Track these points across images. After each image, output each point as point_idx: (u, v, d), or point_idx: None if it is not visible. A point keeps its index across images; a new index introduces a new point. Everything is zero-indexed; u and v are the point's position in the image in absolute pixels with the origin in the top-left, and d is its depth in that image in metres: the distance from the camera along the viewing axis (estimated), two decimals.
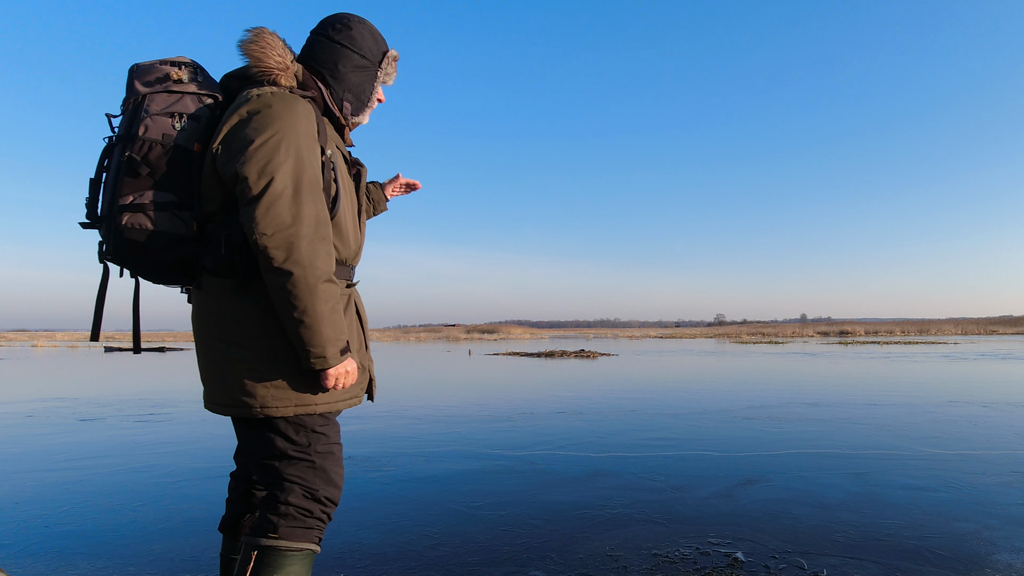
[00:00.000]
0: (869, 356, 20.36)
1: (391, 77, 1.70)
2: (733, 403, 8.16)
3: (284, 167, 1.36)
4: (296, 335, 1.37)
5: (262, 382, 1.41)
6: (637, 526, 3.11)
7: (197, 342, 1.51)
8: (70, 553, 2.78)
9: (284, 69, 1.50)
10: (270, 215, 1.33)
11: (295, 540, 1.43)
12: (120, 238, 1.38)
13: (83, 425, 6.69)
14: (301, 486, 1.45)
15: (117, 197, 1.39)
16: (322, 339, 1.37)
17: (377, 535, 2.99)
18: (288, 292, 1.34)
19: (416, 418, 7.01)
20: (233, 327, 1.43)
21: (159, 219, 1.39)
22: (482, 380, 12.89)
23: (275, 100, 1.41)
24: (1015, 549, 2.71)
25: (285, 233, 1.33)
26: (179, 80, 1.45)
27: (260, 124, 1.37)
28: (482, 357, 23.34)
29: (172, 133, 1.41)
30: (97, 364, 19.62)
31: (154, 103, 1.43)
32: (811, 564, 2.57)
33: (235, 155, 1.36)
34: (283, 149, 1.36)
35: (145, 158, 1.39)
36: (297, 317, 1.35)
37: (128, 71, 1.47)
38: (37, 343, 49.56)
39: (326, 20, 1.63)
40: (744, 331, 76.15)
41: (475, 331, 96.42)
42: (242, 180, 1.34)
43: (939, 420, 6.46)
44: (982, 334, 53.30)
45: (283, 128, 1.38)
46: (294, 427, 1.45)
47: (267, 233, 1.32)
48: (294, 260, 1.33)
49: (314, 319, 1.35)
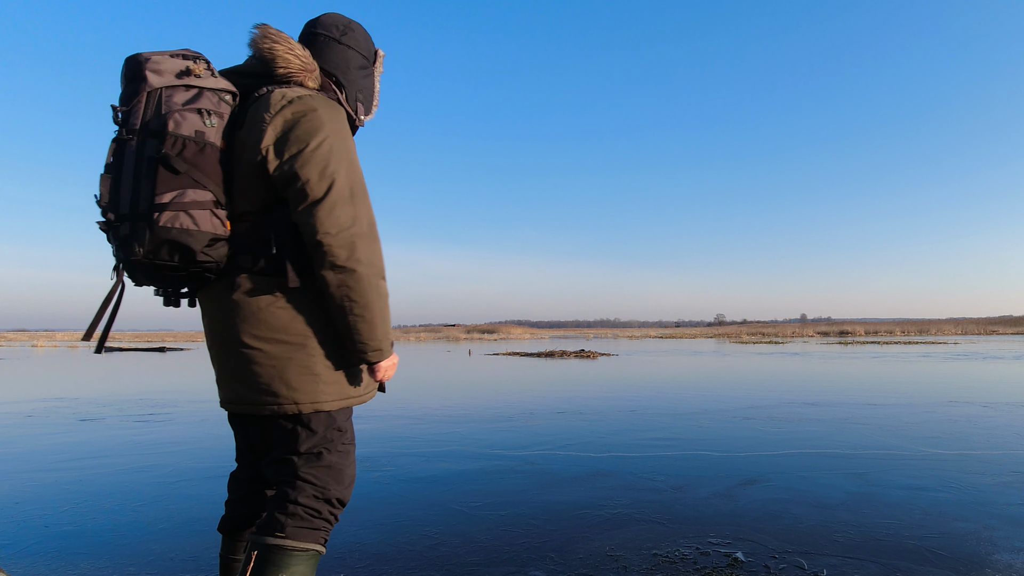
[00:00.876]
0: (869, 356, 20.35)
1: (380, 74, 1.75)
2: (733, 403, 8.16)
3: (341, 170, 1.42)
4: (355, 330, 1.43)
5: (312, 378, 1.44)
6: (637, 526, 3.11)
7: (223, 344, 1.48)
8: (70, 553, 2.78)
9: (310, 71, 1.52)
10: (334, 216, 1.38)
11: (301, 540, 1.43)
12: (158, 238, 1.33)
13: (83, 425, 6.69)
14: (313, 485, 1.46)
15: (149, 195, 1.33)
16: (380, 333, 1.46)
17: (377, 535, 2.99)
18: (350, 289, 1.40)
19: (416, 418, 7.01)
20: (278, 325, 1.43)
21: (201, 218, 1.36)
22: (482, 380, 12.89)
23: (318, 104, 1.44)
24: (1015, 549, 2.72)
25: (347, 233, 1.39)
26: (197, 75, 1.42)
27: (312, 127, 1.41)
28: (482, 357, 23.33)
29: (204, 130, 1.39)
30: (97, 364, 19.61)
31: (174, 97, 1.38)
32: (811, 564, 2.57)
33: (292, 158, 1.39)
34: (337, 152, 1.42)
35: (181, 155, 1.35)
36: (358, 313, 1.42)
37: (129, 61, 1.41)
38: (37, 343, 49.55)
39: (327, 21, 1.63)
40: (744, 331, 76.14)
41: (475, 331, 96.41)
42: (303, 182, 1.38)
43: (939, 420, 6.46)
44: (982, 334, 53.29)
45: (334, 132, 1.43)
46: (324, 423, 1.48)
47: (331, 233, 1.38)
48: (356, 259, 1.40)
49: (374, 314, 1.43)
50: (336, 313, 1.43)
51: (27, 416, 7.42)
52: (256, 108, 1.45)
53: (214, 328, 1.51)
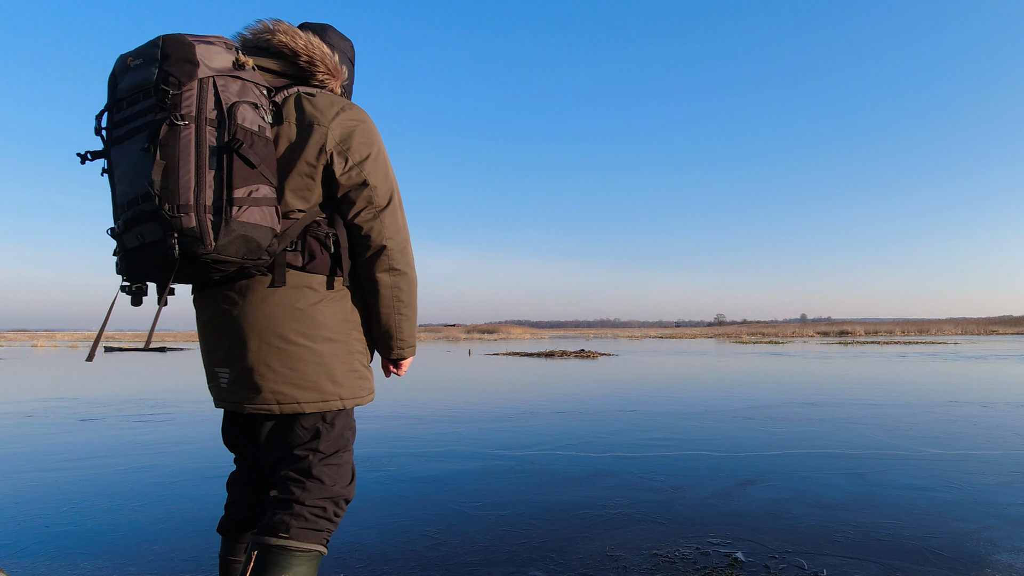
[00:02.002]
0: (869, 356, 20.35)
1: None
2: (733, 403, 8.16)
3: (393, 179, 1.55)
4: (397, 328, 1.55)
5: (354, 373, 1.51)
6: (637, 526, 3.11)
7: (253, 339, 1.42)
8: (70, 553, 2.78)
9: (340, 79, 1.60)
10: (395, 222, 1.51)
11: (304, 541, 1.42)
12: (233, 233, 1.28)
13: (83, 425, 6.69)
14: (322, 485, 1.46)
15: (229, 188, 1.28)
16: (414, 330, 1.59)
17: (377, 535, 2.99)
18: (401, 290, 1.53)
19: (416, 418, 7.01)
20: (324, 322, 1.46)
21: (269, 215, 1.35)
22: (482, 380, 12.89)
23: (364, 115, 1.54)
24: (1015, 549, 2.71)
25: (402, 238, 1.53)
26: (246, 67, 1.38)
27: (370, 136, 1.52)
28: (482, 357, 23.33)
29: (264, 125, 1.37)
30: (97, 364, 19.61)
31: (230, 88, 1.32)
32: (811, 564, 2.57)
33: (359, 164, 1.48)
34: (383, 158, 1.54)
35: (252, 149, 1.32)
36: (404, 312, 1.55)
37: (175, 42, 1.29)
38: (37, 343, 49.55)
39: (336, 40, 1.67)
40: (744, 331, 76.15)
41: (475, 331, 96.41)
42: (371, 188, 1.48)
43: (939, 420, 6.46)
44: (982, 334, 53.30)
45: (382, 143, 1.56)
46: (343, 420, 1.53)
47: (392, 238, 1.50)
48: (407, 262, 1.54)
49: (414, 313, 1.58)
50: (384, 312, 1.53)
51: (27, 416, 7.42)
52: (300, 109, 1.46)
53: (238, 325, 1.43)
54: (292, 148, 1.44)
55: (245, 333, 1.43)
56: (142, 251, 1.31)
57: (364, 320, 1.56)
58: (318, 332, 1.45)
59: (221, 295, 1.46)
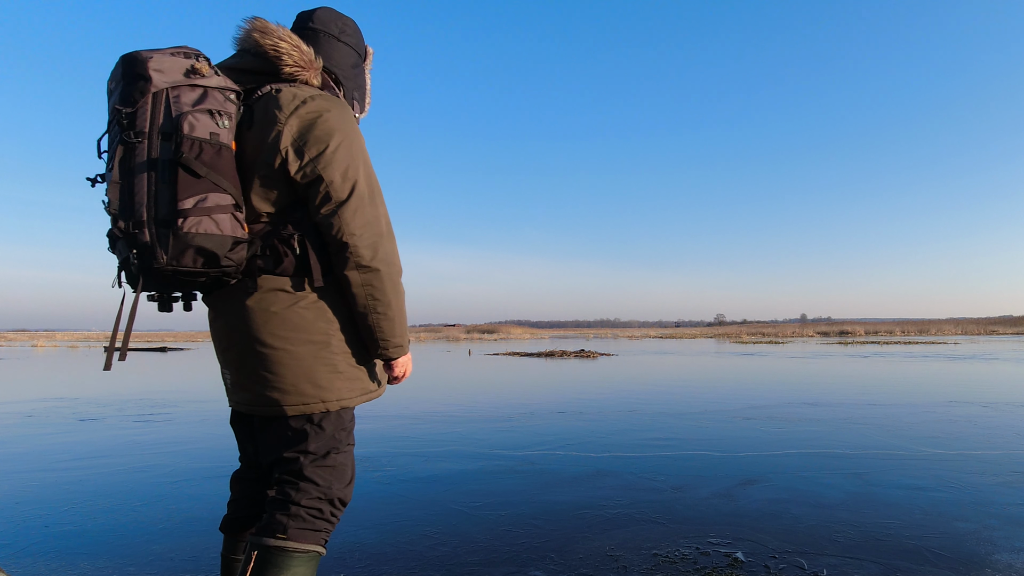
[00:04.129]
0: (869, 356, 20.35)
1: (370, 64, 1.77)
2: (733, 403, 8.16)
3: (361, 171, 1.45)
4: (377, 328, 1.48)
5: (337, 375, 1.47)
6: (637, 526, 3.11)
7: (243, 345, 1.46)
8: (70, 553, 2.78)
9: (315, 69, 1.52)
10: (358, 217, 1.42)
11: (303, 542, 1.43)
12: (183, 244, 1.29)
13: (83, 425, 6.69)
14: (317, 486, 1.46)
15: (174, 201, 1.30)
16: (400, 330, 1.51)
17: (377, 535, 2.99)
18: (374, 288, 1.45)
19: (416, 418, 7.01)
20: (301, 324, 1.44)
21: (223, 222, 1.34)
22: (482, 380, 12.89)
23: (331, 104, 1.46)
24: (1015, 549, 2.72)
25: (371, 233, 1.43)
26: (203, 74, 1.38)
27: (329, 128, 1.42)
28: (482, 357, 23.33)
29: (218, 132, 1.36)
30: (97, 364, 19.61)
31: (183, 98, 1.34)
32: (811, 564, 2.57)
33: (314, 159, 1.41)
34: (355, 153, 1.45)
35: (199, 158, 1.32)
36: (381, 311, 1.47)
37: (129, 60, 1.34)
38: (37, 343, 49.53)
39: (324, 17, 1.61)
40: (744, 331, 76.15)
41: (475, 331, 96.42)
42: (326, 184, 1.40)
43: (939, 420, 6.46)
44: (982, 334, 53.30)
45: (349, 132, 1.46)
46: (334, 423, 1.49)
47: (356, 233, 1.41)
48: (380, 258, 1.44)
49: (396, 312, 1.48)
50: (360, 311, 1.47)
51: (27, 416, 7.42)
52: (266, 108, 1.44)
53: (231, 331, 1.48)
54: (256, 149, 1.43)
55: (233, 339, 1.49)
56: (121, 267, 1.40)
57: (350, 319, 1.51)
58: (295, 334, 1.43)
59: (218, 301, 1.52)
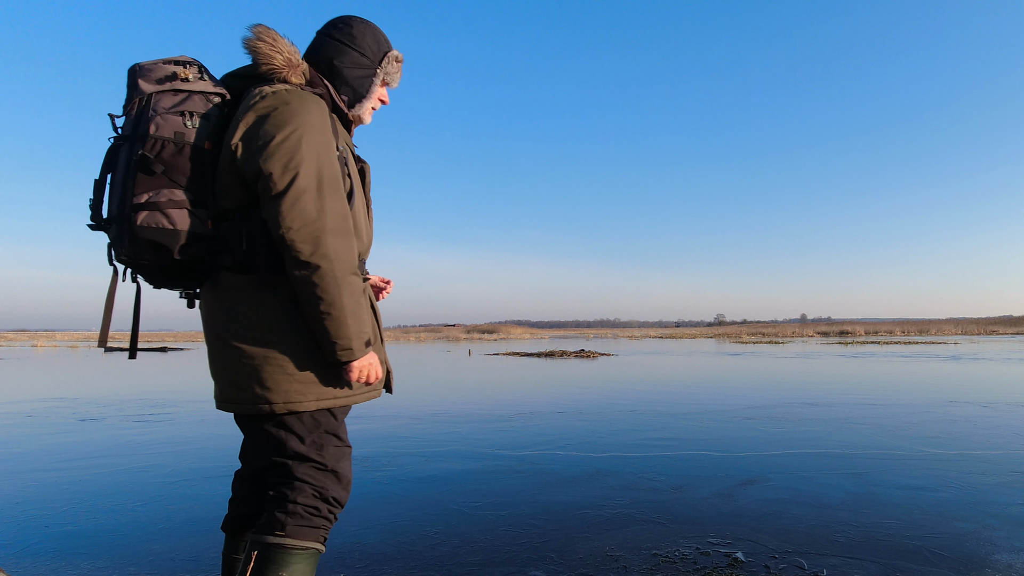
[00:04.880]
0: (869, 356, 20.35)
1: (394, 78, 1.70)
2: (733, 403, 8.16)
3: (307, 163, 1.38)
4: (323, 328, 1.39)
5: (286, 377, 1.42)
6: (637, 526, 3.11)
7: (211, 342, 1.50)
8: (70, 553, 2.78)
9: (293, 66, 1.51)
10: (296, 210, 1.35)
11: (301, 539, 1.43)
12: (136, 238, 1.37)
13: (83, 425, 6.69)
14: (311, 485, 1.46)
15: (130, 196, 1.37)
16: (349, 331, 1.40)
17: (377, 535, 2.99)
18: (315, 285, 1.37)
19: (416, 418, 7.01)
20: (255, 323, 1.43)
21: (176, 217, 1.38)
22: (482, 380, 12.89)
23: (291, 97, 1.43)
24: (1015, 549, 2.71)
25: (311, 227, 1.36)
26: (185, 79, 1.45)
27: (280, 121, 1.39)
28: (482, 357, 23.33)
29: (184, 131, 1.41)
30: (97, 364, 19.61)
31: (162, 102, 1.42)
32: (811, 564, 2.57)
33: (257, 152, 1.38)
34: (304, 145, 1.39)
35: (158, 156, 1.38)
36: (324, 310, 1.38)
37: (129, 71, 1.46)
38: (37, 343, 49.54)
39: (330, 20, 1.67)
40: (744, 331, 76.14)
41: (475, 331, 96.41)
42: (266, 176, 1.36)
43: (939, 420, 6.46)
44: (982, 334, 53.30)
45: (302, 124, 1.40)
46: (308, 426, 1.46)
47: (294, 227, 1.35)
48: (321, 254, 1.36)
49: (341, 311, 1.39)
50: (306, 312, 1.40)
51: (27, 416, 7.42)
52: (241, 107, 1.46)
53: (205, 326, 1.53)
54: (225, 148, 1.44)
55: (207, 333, 1.53)
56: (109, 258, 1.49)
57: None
58: (248, 333, 1.43)
59: (202, 296, 1.55)
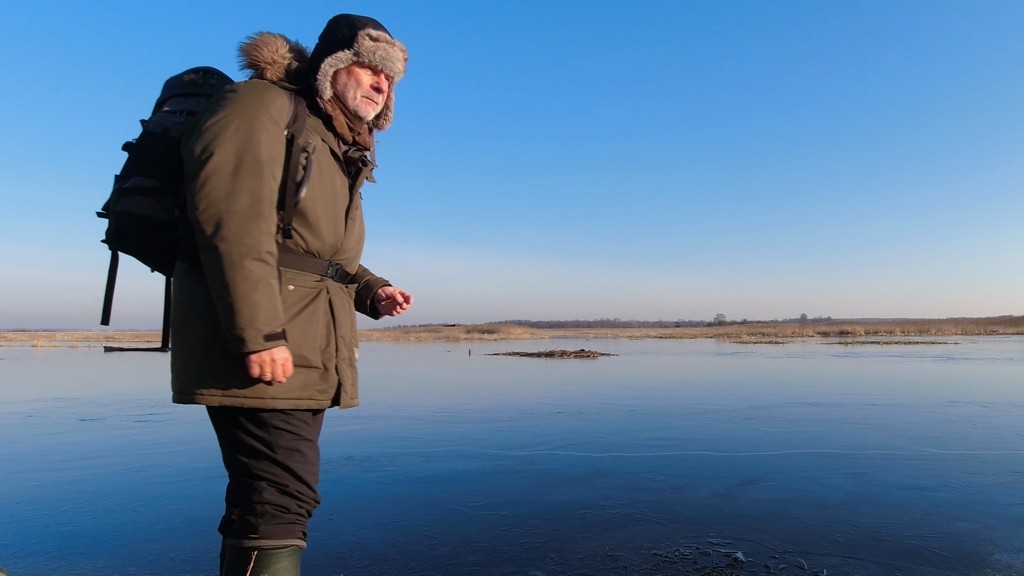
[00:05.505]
0: (869, 356, 20.35)
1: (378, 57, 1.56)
2: (733, 403, 8.16)
3: (228, 144, 1.34)
4: (221, 315, 1.32)
5: (202, 369, 1.38)
6: (637, 526, 3.11)
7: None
8: (70, 553, 2.78)
9: (271, 63, 1.51)
10: (204, 190, 1.32)
11: (277, 538, 1.40)
12: (111, 221, 1.47)
13: (83, 425, 6.69)
14: (270, 482, 1.41)
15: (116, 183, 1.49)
16: (240, 319, 1.30)
17: (377, 535, 2.99)
18: (211, 267, 1.31)
19: (416, 418, 7.01)
20: (187, 311, 1.42)
21: (140, 203, 1.44)
22: (482, 380, 12.89)
23: (242, 86, 1.44)
24: (1015, 549, 2.71)
25: (216, 208, 1.31)
26: (193, 83, 1.56)
27: (217, 106, 1.40)
28: (482, 357, 23.33)
29: (170, 127, 1.48)
30: (97, 364, 19.61)
31: (168, 104, 1.54)
32: (811, 564, 2.57)
33: (188, 134, 1.42)
34: (233, 128, 1.36)
35: (140, 147, 1.48)
36: (218, 295, 1.31)
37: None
38: (37, 343, 49.54)
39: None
40: (744, 331, 76.14)
41: (475, 331, 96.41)
42: (187, 157, 1.36)
43: (939, 420, 6.46)
44: (982, 334, 53.29)
45: (239, 108, 1.38)
46: (255, 422, 1.41)
47: (199, 207, 1.31)
48: (220, 235, 1.30)
49: (234, 298, 1.30)
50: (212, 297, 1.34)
51: (27, 416, 7.42)
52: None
53: None
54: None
55: None
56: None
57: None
58: (180, 321, 1.43)
59: None
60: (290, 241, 1.45)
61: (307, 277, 1.48)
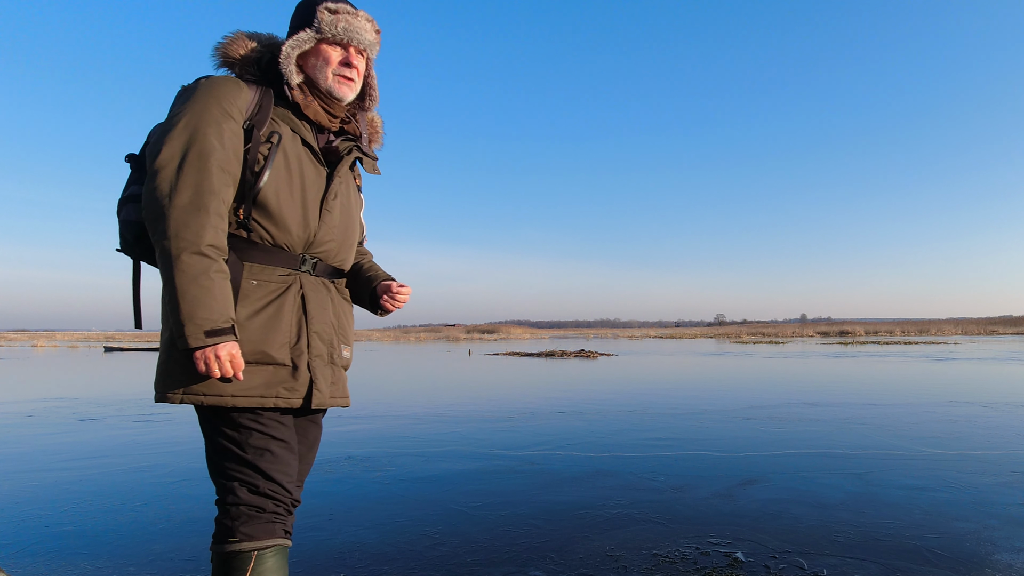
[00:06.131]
0: (869, 356, 20.35)
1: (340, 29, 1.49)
2: (733, 403, 8.16)
3: (176, 140, 1.34)
4: (167, 311, 1.32)
5: (167, 368, 1.38)
6: (637, 526, 3.11)
7: None
8: (70, 553, 2.78)
9: (239, 59, 1.50)
10: (151, 187, 1.32)
11: (259, 539, 1.37)
12: (118, 230, 1.50)
13: (83, 425, 6.69)
14: (241, 482, 1.38)
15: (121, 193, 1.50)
16: (180, 315, 1.28)
17: (377, 535, 2.99)
18: (160, 264, 1.31)
19: (416, 418, 7.01)
20: (162, 311, 1.40)
21: (136, 211, 1.45)
22: (482, 380, 12.89)
23: (198, 83, 1.44)
24: (1015, 549, 2.71)
25: (159, 203, 1.30)
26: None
27: (173, 105, 1.43)
28: (482, 357, 23.33)
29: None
30: (97, 364, 19.61)
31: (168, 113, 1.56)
32: (811, 564, 2.57)
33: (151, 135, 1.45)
34: (181, 124, 1.35)
35: (139, 158, 1.50)
36: (163, 290, 1.32)
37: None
38: (37, 343, 49.55)
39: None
40: (744, 331, 76.14)
41: (475, 331, 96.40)
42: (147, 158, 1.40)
43: (939, 420, 6.46)
44: (982, 334, 53.29)
45: (189, 105, 1.37)
46: (227, 423, 1.39)
47: (147, 204, 1.33)
48: (162, 230, 1.29)
49: (174, 292, 1.28)
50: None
51: (27, 416, 7.42)
52: None
53: None
54: None
55: None
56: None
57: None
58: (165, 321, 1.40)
59: None
60: (253, 235, 1.41)
61: (272, 272, 1.43)
